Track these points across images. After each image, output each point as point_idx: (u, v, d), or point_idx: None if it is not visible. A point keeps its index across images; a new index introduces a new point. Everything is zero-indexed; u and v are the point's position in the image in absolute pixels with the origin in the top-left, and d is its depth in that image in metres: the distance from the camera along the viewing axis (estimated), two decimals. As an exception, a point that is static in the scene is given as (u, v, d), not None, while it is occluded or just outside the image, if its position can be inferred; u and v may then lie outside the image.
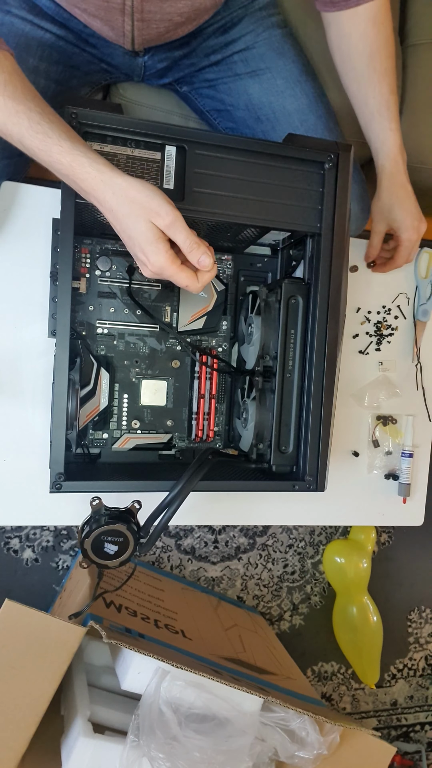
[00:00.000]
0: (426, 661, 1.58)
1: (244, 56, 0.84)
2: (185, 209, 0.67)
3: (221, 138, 0.68)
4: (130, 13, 0.73)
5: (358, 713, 1.52)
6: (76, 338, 0.77)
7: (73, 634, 0.75)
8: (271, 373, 0.76)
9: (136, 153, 0.65)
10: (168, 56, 0.84)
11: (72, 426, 0.68)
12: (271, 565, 1.41)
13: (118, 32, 0.76)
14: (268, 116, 0.86)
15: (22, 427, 0.85)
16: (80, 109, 0.62)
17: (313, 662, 1.47)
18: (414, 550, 1.55)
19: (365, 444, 1.03)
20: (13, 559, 1.22)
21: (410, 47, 1.15)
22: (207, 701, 0.83)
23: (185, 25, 0.77)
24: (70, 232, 0.63)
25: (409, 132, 1.13)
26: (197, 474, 0.66)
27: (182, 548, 1.34)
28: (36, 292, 0.82)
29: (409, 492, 1.02)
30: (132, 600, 1.00)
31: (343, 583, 1.39)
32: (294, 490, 0.73)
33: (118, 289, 0.80)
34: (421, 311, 1.03)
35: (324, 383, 0.73)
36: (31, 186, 0.82)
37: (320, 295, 0.72)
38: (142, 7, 0.72)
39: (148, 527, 0.65)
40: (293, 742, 0.86)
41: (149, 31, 0.76)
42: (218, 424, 0.87)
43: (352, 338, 1.01)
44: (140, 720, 0.79)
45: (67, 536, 1.24)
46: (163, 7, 0.72)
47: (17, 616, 0.74)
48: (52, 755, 0.81)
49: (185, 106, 0.96)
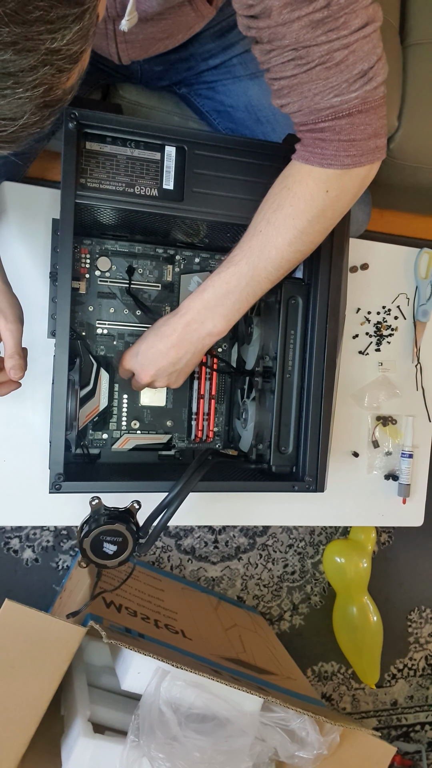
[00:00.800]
0: (426, 661, 1.58)
1: (243, 59, 0.84)
2: (185, 209, 0.67)
3: (221, 139, 0.68)
4: (113, 37, 0.73)
5: (358, 713, 1.52)
6: (75, 339, 0.77)
7: (73, 634, 0.75)
8: (271, 373, 0.76)
9: (135, 153, 0.66)
10: (164, 60, 0.84)
11: (72, 426, 0.68)
12: (271, 565, 1.41)
13: (104, 51, 0.77)
14: (268, 118, 0.86)
15: (22, 427, 0.85)
16: (80, 110, 0.62)
17: (313, 662, 1.47)
18: (414, 550, 1.55)
19: (365, 444, 1.03)
20: (13, 559, 1.22)
21: (410, 47, 1.15)
22: (207, 701, 0.83)
23: (171, 38, 0.77)
24: (70, 232, 0.63)
25: (409, 132, 1.14)
26: (197, 474, 0.66)
27: (182, 548, 1.34)
28: (35, 292, 0.82)
29: (408, 492, 1.02)
30: (132, 600, 1.00)
31: (343, 583, 1.39)
32: (294, 490, 0.73)
33: (118, 290, 0.80)
34: (421, 312, 1.03)
35: (324, 383, 0.73)
36: (30, 186, 0.82)
37: (320, 296, 0.72)
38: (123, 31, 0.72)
39: (148, 527, 0.65)
40: (293, 742, 0.86)
41: (134, 50, 0.76)
42: (218, 424, 0.87)
43: (352, 338, 1.01)
44: (140, 720, 0.79)
45: (67, 536, 1.24)
46: (144, 29, 0.72)
47: (17, 616, 0.74)
48: (52, 755, 0.81)
49: (185, 107, 0.96)
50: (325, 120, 0.56)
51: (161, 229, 0.75)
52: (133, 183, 0.66)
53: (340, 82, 0.53)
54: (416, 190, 1.29)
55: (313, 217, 0.60)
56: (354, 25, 0.51)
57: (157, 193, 0.66)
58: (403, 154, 1.16)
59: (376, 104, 0.56)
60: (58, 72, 0.37)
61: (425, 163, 1.18)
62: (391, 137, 1.14)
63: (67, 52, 0.36)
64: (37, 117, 0.39)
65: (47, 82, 0.37)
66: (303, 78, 0.54)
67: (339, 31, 0.51)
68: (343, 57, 0.52)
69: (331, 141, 0.57)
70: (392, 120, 1.11)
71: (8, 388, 0.70)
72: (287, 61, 0.53)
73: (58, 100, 0.40)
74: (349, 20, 0.51)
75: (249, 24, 0.53)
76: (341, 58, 0.52)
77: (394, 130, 1.13)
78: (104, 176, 0.65)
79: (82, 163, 0.64)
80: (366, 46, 0.52)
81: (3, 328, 0.65)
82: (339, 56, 0.52)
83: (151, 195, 0.66)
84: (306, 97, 0.55)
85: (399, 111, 1.12)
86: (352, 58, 0.52)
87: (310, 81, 0.54)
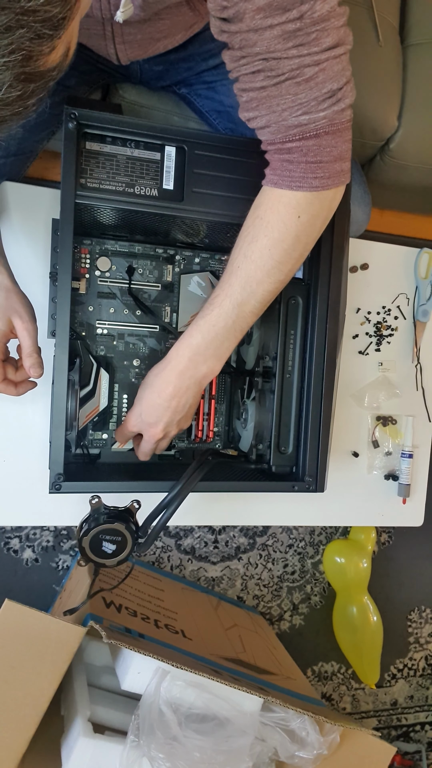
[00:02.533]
0: (426, 661, 1.58)
1: None
2: (185, 209, 0.67)
3: (221, 139, 0.68)
4: (111, 38, 0.73)
5: (358, 713, 1.52)
6: (75, 339, 0.77)
7: (73, 634, 0.75)
8: (271, 373, 0.76)
9: (135, 153, 0.66)
10: (164, 60, 0.84)
11: (71, 426, 0.68)
12: (271, 565, 1.41)
13: (103, 52, 0.77)
14: None
15: (22, 427, 0.85)
16: (80, 110, 0.62)
17: (313, 662, 1.47)
18: (414, 550, 1.55)
19: (365, 444, 1.03)
20: (13, 559, 1.22)
21: (410, 47, 1.15)
22: (207, 701, 0.83)
23: (170, 38, 0.77)
24: (70, 232, 0.63)
25: (409, 132, 1.14)
26: (197, 475, 0.66)
27: (182, 548, 1.34)
28: (35, 292, 0.82)
29: (408, 492, 1.02)
30: (132, 600, 1.00)
31: (343, 583, 1.39)
32: (293, 490, 0.73)
33: (118, 290, 0.80)
34: (421, 312, 1.03)
35: (324, 383, 0.73)
36: (30, 186, 0.82)
37: (320, 296, 0.72)
38: (122, 31, 0.72)
39: (147, 527, 0.66)
40: (293, 742, 0.86)
41: (133, 50, 0.76)
42: (218, 424, 0.87)
43: (352, 339, 1.01)
44: (140, 720, 0.79)
45: (67, 536, 1.24)
46: (142, 29, 0.72)
47: (17, 616, 0.74)
48: (52, 755, 0.81)
49: (185, 107, 0.96)
50: (293, 140, 0.56)
51: (161, 229, 0.75)
52: (133, 183, 0.66)
53: (309, 100, 0.54)
54: (416, 190, 1.29)
55: (289, 245, 0.60)
56: (325, 44, 0.51)
57: (157, 193, 0.66)
58: (403, 154, 1.16)
59: (342, 127, 0.57)
60: (36, 37, 0.35)
61: (425, 163, 1.18)
62: (391, 137, 1.14)
63: (46, 14, 0.34)
64: (17, 91, 0.37)
65: (25, 47, 0.35)
66: (272, 91, 0.54)
67: (310, 47, 0.51)
68: (313, 74, 0.52)
69: (299, 163, 0.57)
70: (392, 120, 1.11)
71: (26, 387, 0.71)
72: (257, 71, 0.53)
73: (40, 75, 0.38)
74: (320, 37, 0.51)
75: (222, 27, 0.53)
76: (311, 74, 0.52)
77: (394, 130, 1.12)
78: (104, 176, 0.65)
79: (82, 163, 0.64)
80: (336, 67, 0.53)
81: (20, 328, 0.67)
82: (309, 72, 0.52)
83: (151, 195, 0.66)
84: (274, 111, 0.55)
85: (399, 111, 1.12)
86: (322, 77, 0.53)
87: (279, 95, 0.54)
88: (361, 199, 0.91)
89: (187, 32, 0.77)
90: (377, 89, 1.08)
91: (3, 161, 0.80)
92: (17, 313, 0.67)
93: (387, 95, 1.10)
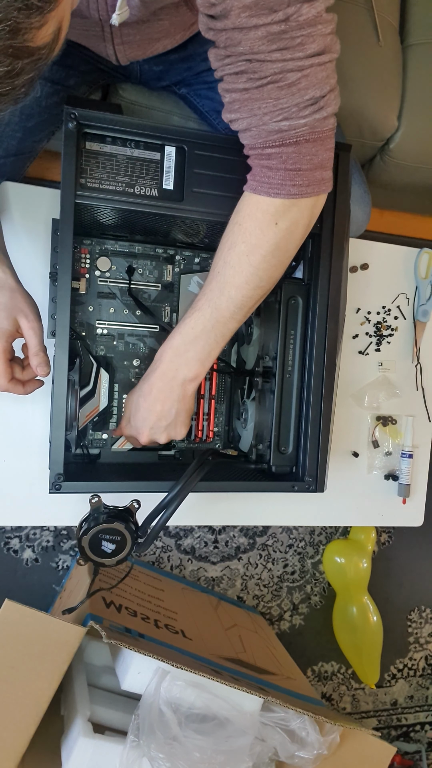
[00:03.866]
0: (426, 661, 1.58)
1: None
2: (185, 209, 0.67)
3: (221, 138, 0.68)
4: (110, 39, 0.73)
5: (358, 713, 1.52)
6: (75, 339, 0.77)
7: (73, 634, 0.75)
8: (271, 373, 0.76)
9: (135, 153, 0.66)
10: (164, 60, 0.84)
11: (71, 426, 0.68)
12: (271, 565, 1.41)
13: (102, 53, 0.77)
14: None
15: (22, 427, 0.85)
16: (80, 110, 0.62)
17: (313, 662, 1.47)
18: (414, 550, 1.55)
19: (365, 444, 1.03)
20: (13, 559, 1.22)
21: (410, 47, 1.15)
22: (207, 701, 0.83)
23: (169, 38, 0.77)
24: (70, 232, 0.63)
25: (409, 132, 1.14)
26: (196, 475, 0.66)
27: (182, 548, 1.34)
28: (35, 292, 0.81)
29: (408, 492, 1.02)
30: (132, 600, 1.00)
31: (343, 583, 1.39)
32: (293, 490, 0.73)
33: (118, 290, 0.81)
34: (421, 312, 1.03)
35: (324, 383, 0.73)
36: (30, 186, 0.82)
37: (320, 296, 0.72)
38: (120, 32, 0.72)
39: (147, 527, 0.66)
40: (293, 742, 0.86)
41: (132, 51, 0.76)
42: (218, 424, 0.87)
43: (351, 339, 1.01)
44: (140, 720, 0.79)
45: (67, 536, 1.24)
46: (141, 29, 0.72)
47: (17, 616, 0.74)
48: (52, 755, 0.81)
49: (185, 107, 0.96)
50: (273, 146, 0.56)
51: (161, 229, 0.75)
52: (133, 183, 0.66)
53: (290, 105, 0.53)
54: (416, 190, 1.29)
55: (267, 252, 0.60)
56: (310, 50, 0.51)
57: (157, 193, 0.66)
58: (403, 154, 1.16)
59: (324, 135, 0.56)
60: (25, 8, 0.34)
61: (425, 163, 1.18)
62: (391, 137, 1.14)
63: None
64: (5, 66, 0.36)
65: (12, 17, 0.34)
66: (254, 94, 0.53)
67: (294, 52, 0.51)
68: (295, 79, 0.52)
69: (278, 169, 0.57)
70: (392, 120, 1.11)
71: (34, 386, 0.71)
72: (240, 72, 0.53)
73: (29, 51, 0.37)
74: (305, 43, 0.50)
75: (208, 24, 0.52)
76: (294, 79, 0.52)
77: (394, 130, 1.13)
78: (104, 176, 0.65)
79: (82, 163, 0.64)
80: (320, 74, 0.52)
81: (26, 328, 0.67)
82: (292, 77, 0.52)
83: (151, 195, 0.66)
84: (256, 115, 0.55)
85: (399, 111, 1.12)
86: (305, 83, 0.52)
87: (261, 98, 0.53)
88: (361, 199, 0.91)
89: (186, 32, 0.77)
90: (377, 89, 1.08)
91: (3, 161, 0.80)
92: (23, 313, 0.67)
93: (387, 95, 1.10)
